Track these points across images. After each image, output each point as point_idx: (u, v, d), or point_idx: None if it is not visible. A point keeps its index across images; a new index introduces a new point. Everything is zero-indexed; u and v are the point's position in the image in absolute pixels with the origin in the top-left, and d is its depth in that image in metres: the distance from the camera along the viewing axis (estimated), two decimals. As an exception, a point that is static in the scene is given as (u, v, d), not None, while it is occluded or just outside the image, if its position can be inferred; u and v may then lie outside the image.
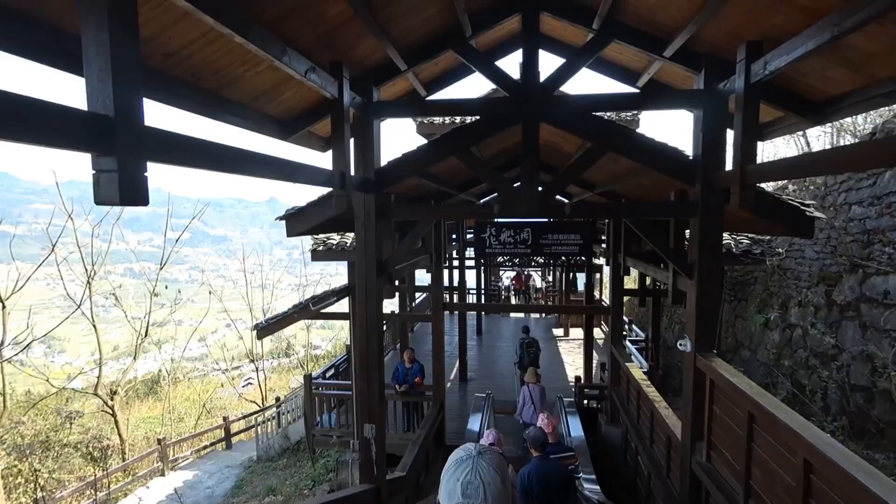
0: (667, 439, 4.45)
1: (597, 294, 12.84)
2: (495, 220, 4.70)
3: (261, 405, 14.86)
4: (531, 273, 19.72)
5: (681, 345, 3.67)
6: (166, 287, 15.53)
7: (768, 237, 6.52)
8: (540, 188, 3.85)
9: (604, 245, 8.15)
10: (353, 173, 3.84)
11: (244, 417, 12.92)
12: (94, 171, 1.30)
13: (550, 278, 20.37)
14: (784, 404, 2.73)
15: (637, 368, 5.83)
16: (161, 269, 14.49)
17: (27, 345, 11.63)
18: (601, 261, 10.93)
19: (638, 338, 9.75)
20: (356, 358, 4.35)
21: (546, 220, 4.52)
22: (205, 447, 11.91)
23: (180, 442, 11.63)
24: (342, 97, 3.19)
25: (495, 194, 8.36)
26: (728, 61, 3.05)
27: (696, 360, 3.54)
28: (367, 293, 4.14)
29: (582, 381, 7.88)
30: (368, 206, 4.01)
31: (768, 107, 3.23)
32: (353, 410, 7.74)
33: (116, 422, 11.95)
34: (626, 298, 8.58)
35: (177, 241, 14.92)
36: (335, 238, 6.96)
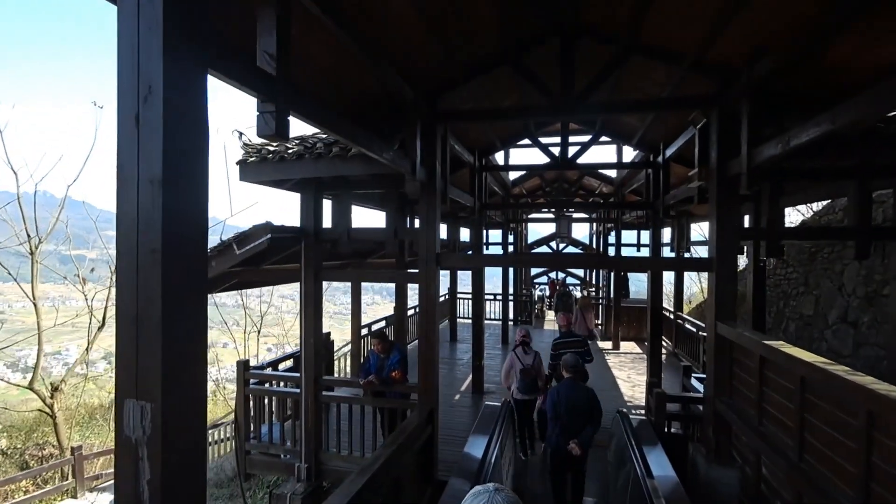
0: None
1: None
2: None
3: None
4: (566, 280, 17.47)
5: None
6: (92, 270, 14.18)
7: None
8: None
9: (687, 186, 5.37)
10: None
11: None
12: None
13: (593, 290, 17.33)
14: None
15: (798, 348, 2.91)
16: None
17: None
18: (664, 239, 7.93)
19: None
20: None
21: None
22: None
23: (103, 454, 9.12)
24: None
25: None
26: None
27: None
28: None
29: (658, 389, 4.90)
30: None
31: None
32: (302, 418, 5.18)
33: (55, 424, 9.89)
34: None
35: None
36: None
